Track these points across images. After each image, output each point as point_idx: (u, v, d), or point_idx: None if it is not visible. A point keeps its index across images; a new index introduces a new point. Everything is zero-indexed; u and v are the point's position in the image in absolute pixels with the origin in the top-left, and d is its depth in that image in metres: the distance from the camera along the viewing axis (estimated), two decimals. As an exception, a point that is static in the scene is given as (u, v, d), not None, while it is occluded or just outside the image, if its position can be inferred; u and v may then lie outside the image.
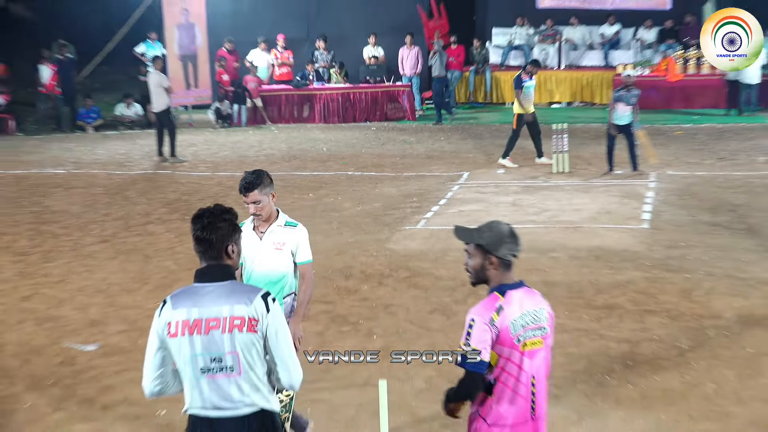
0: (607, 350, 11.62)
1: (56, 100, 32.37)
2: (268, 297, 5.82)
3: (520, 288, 6.26)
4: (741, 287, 13.74)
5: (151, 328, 5.87)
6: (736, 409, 9.94)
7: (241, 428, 5.80)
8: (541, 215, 18.40)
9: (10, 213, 19.76)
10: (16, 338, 12.52)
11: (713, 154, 24.39)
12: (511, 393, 6.14)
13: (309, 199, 20.24)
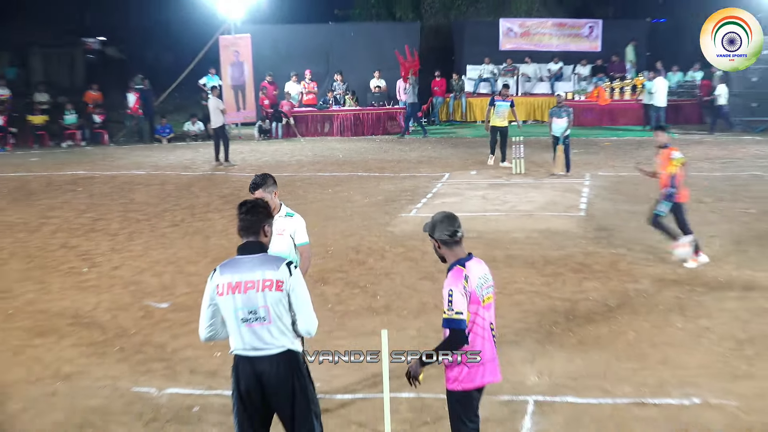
0: (554, 307, 11.59)
1: (139, 119, 32.43)
2: (290, 265, 6.01)
3: (471, 259, 6.37)
4: (654, 260, 13.71)
5: (205, 290, 6.08)
6: (650, 351, 9.91)
7: (273, 363, 5.94)
8: (504, 206, 18.35)
9: (105, 204, 19.73)
10: (108, 298, 12.49)
11: (633, 159, 24.26)
12: (480, 339, 6.23)
13: (328, 193, 20.20)
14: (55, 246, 15.83)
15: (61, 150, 30.63)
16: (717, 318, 10.94)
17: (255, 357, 5.94)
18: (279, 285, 5.91)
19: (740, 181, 20.42)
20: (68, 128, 31.85)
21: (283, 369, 5.96)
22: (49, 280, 13.59)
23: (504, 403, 8.61)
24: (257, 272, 5.93)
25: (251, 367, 5.94)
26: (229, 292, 5.93)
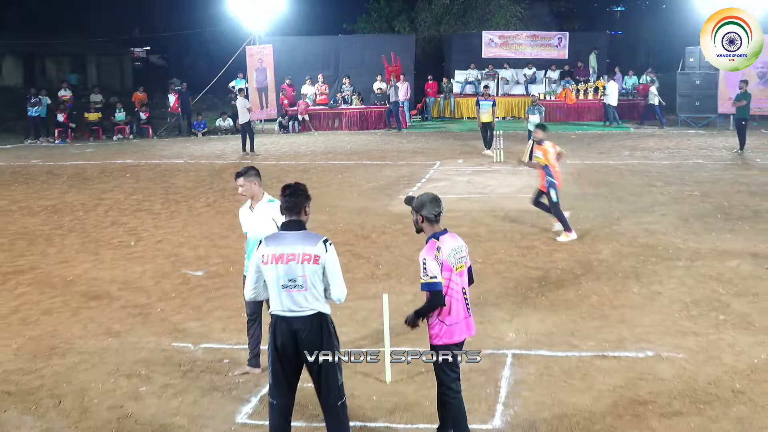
0: (529, 275, 11.53)
1: (178, 116, 32.38)
2: (327, 242, 6.01)
3: (446, 233, 6.38)
4: (614, 234, 13.66)
5: (252, 257, 6.16)
6: (611, 312, 9.87)
7: (307, 323, 5.95)
8: (486, 189, 18.30)
9: (149, 188, 19.66)
10: (152, 267, 12.44)
11: (595, 150, 24.25)
12: (455, 302, 6.25)
13: (338, 178, 20.12)
14: (107, 223, 15.79)
15: (113, 142, 30.60)
16: (667, 284, 10.90)
17: (292, 317, 5.95)
18: (316, 259, 5.92)
19: (686, 168, 20.36)
20: (118, 124, 31.86)
21: (316, 328, 5.96)
22: (102, 252, 13.56)
23: (487, 356, 8.56)
24: (298, 247, 5.93)
25: (288, 325, 5.95)
26: (272, 261, 5.94)
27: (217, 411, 7.47)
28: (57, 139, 30.45)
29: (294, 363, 6.06)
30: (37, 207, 17.55)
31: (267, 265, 5.98)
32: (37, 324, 10.01)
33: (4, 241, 14.49)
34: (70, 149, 28.48)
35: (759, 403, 7.29)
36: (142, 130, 31.94)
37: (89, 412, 7.50)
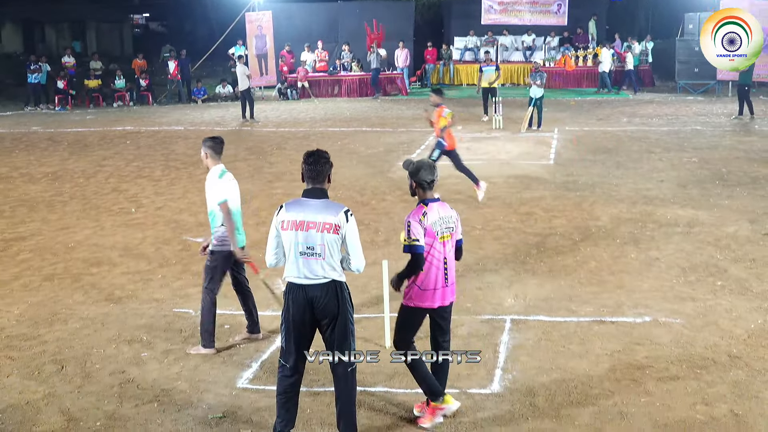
0: (527, 241, 11.54)
1: (178, 83, 32.20)
2: (348, 212, 6.00)
3: (437, 202, 6.38)
4: (612, 200, 13.66)
5: (272, 223, 6.06)
6: (609, 277, 9.89)
7: (323, 290, 5.94)
8: (486, 155, 18.26)
9: (150, 154, 19.60)
10: (152, 234, 12.44)
11: (594, 116, 24.16)
12: (434, 268, 6.28)
13: (338, 145, 20.05)
14: (107, 190, 15.76)
15: (113, 109, 30.46)
16: (665, 250, 10.91)
17: (307, 285, 5.92)
18: (336, 229, 5.90)
19: (684, 135, 20.31)
20: (118, 91, 31.69)
21: (332, 295, 5.95)
22: (102, 218, 13.55)
23: (485, 321, 8.60)
24: (319, 215, 5.90)
25: (303, 293, 5.93)
26: (292, 228, 5.91)
27: (218, 376, 7.50)
28: (57, 106, 30.34)
29: (308, 329, 6.06)
30: (38, 174, 17.51)
31: (286, 231, 5.94)
32: (38, 290, 10.03)
33: (6, 208, 14.48)
34: (70, 116, 28.36)
35: (755, 368, 7.32)
36: (141, 97, 31.81)
37: (91, 378, 7.52)
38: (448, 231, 6.33)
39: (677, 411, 6.58)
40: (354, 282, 9.62)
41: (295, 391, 6.16)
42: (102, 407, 6.93)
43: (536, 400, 6.83)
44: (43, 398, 7.13)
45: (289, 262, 5.98)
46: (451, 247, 6.41)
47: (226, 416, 6.72)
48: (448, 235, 6.34)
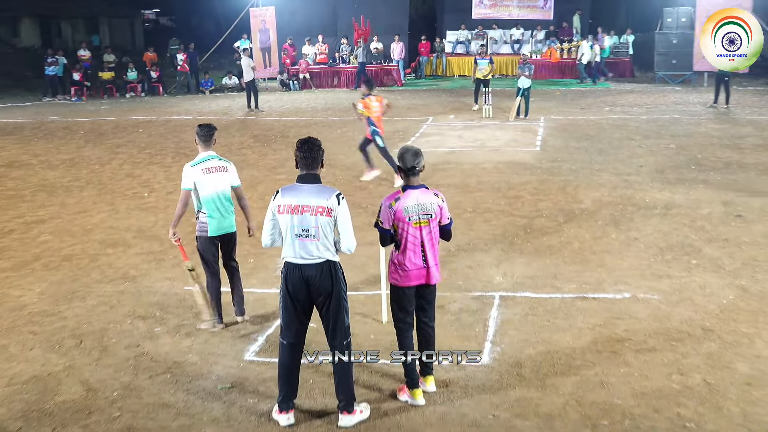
0: (515, 222, 11.56)
1: (187, 75, 32.09)
2: (339, 196, 6.01)
3: (417, 189, 6.29)
4: (594, 185, 13.66)
5: (269, 207, 6.07)
6: (591, 256, 9.92)
7: (318, 270, 5.97)
8: (476, 142, 18.23)
9: (160, 142, 19.58)
10: (164, 217, 12.43)
11: (578, 105, 24.12)
12: (409, 250, 6.26)
13: (337, 133, 20.04)
14: (121, 175, 15.75)
15: (125, 100, 30.36)
16: (643, 230, 10.94)
17: (303, 264, 5.96)
18: (329, 212, 5.92)
19: (662, 123, 20.28)
20: (131, 82, 31.57)
21: (326, 274, 5.99)
22: (117, 202, 13.56)
23: (476, 298, 8.64)
24: (313, 199, 5.92)
25: (300, 271, 5.96)
26: (288, 212, 5.93)
27: (226, 349, 7.54)
28: (73, 96, 30.25)
29: (305, 305, 6.09)
30: (56, 161, 17.50)
31: (282, 214, 5.97)
32: (58, 270, 10.05)
33: (26, 192, 14.48)
34: (85, 106, 28.27)
35: (727, 340, 7.37)
36: (153, 88, 31.67)
37: (108, 351, 7.56)
38: (424, 218, 6.23)
39: (654, 380, 6.64)
40: (352, 261, 9.67)
41: (295, 365, 6.21)
42: (118, 378, 6.98)
43: (523, 371, 6.88)
44: (64, 370, 7.17)
45: (285, 243, 6.01)
46: (430, 233, 6.29)
47: (234, 387, 6.77)
48: (424, 222, 6.24)
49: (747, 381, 6.60)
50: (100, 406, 6.50)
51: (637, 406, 6.23)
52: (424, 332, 6.54)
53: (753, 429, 5.87)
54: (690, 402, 6.27)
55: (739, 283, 8.85)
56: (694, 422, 5.98)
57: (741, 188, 13.22)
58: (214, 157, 7.95)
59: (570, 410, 6.20)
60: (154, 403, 6.52)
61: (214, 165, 7.90)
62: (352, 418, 6.09)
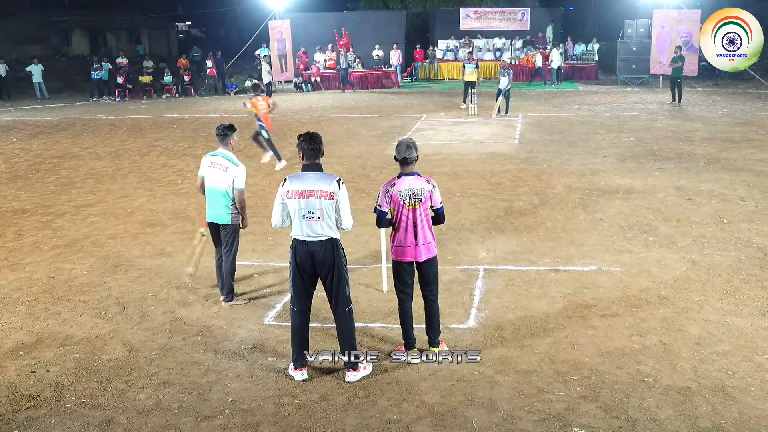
0: (497, 205, 11.49)
1: (214, 79, 31.93)
2: (340, 181, 5.94)
3: (410, 176, 6.19)
4: (565, 173, 13.58)
5: (278, 192, 6.02)
6: (562, 234, 9.86)
7: (322, 246, 5.92)
8: (464, 137, 18.13)
9: (192, 136, 19.47)
10: (196, 201, 12.35)
11: (551, 104, 23.99)
12: (403, 230, 6.19)
13: (344, 128, 19.92)
14: (159, 165, 15.67)
15: (162, 100, 30.20)
16: (607, 212, 10.87)
17: (309, 241, 5.92)
18: (331, 195, 5.87)
19: (624, 119, 20.17)
20: (167, 85, 31.43)
21: (329, 250, 5.94)
22: (155, 188, 13.48)
23: (463, 270, 8.59)
24: (317, 185, 5.87)
25: (306, 248, 5.93)
26: (296, 196, 5.89)
27: (249, 315, 7.50)
28: (117, 97, 30.12)
29: (311, 277, 6.05)
30: (102, 152, 17.41)
31: (291, 199, 5.92)
32: (104, 246, 10.00)
33: (77, 180, 14.41)
34: (127, 106, 28.13)
35: (680, 307, 7.33)
36: (185, 90, 31.51)
37: (148, 316, 7.52)
38: (415, 201, 6.14)
39: (617, 341, 6.60)
40: (357, 238, 9.65)
41: (304, 328, 6.17)
42: (156, 340, 6.94)
43: (504, 333, 6.84)
44: (109, 333, 7.13)
45: (294, 223, 5.97)
46: (421, 214, 6.19)
47: (256, 347, 6.73)
48: (415, 205, 6.15)
49: (697, 341, 6.56)
50: (140, 364, 6.47)
51: (602, 363, 6.20)
52: (427, 305, 6.45)
53: (702, 383, 5.83)
54: (648, 360, 6.23)
55: (690, 257, 8.80)
56: (652, 377, 5.94)
57: (691, 175, 13.15)
58: (221, 154, 7.73)
59: (545, 367, 6.17)
60: (187, 362, 6.49)
61: (217, 161, 7.72)
62: (357, 374, 6.06)
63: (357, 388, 5.94)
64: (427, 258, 6.29)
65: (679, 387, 5.80)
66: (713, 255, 8.89)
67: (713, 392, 5.72)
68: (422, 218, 6.22)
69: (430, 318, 6.46)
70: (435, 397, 5.75)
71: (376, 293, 7.95)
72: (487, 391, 5.81)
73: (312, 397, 5.82)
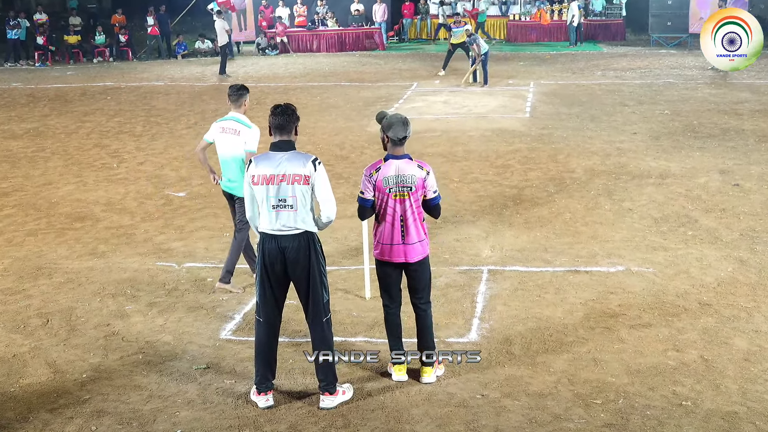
0: (504, 193, 11.55)
1: (157, 38, 31.76)
2: (316, 161, 5.94)
3: (402, 159, 6.20)
4: (587, 153, 13.66)
5: (244, 179, 6.07)
6: (583, 228, 9.92)
7: (295, 240, 5.93)
8: (463, 109, 18.17)
9: (130, 110, 19.37)
10: (135, 189, 12.34)
11: (569, 70, 24.07)
12: (388, 225, 6.20)
13: (317, 99, 19.92)
14: (89, 145, 15.59)
15: (93, 65, 30.02)
16: (638, 201, 10.95)
17: (280, 235, 5.91)
18: (306, 179, 5.86)
19: (657, 88, 20.29)
20: (98, 47, 31.26)
21: (303, 245, 5.93)
22: (85, 174, 13.43)
23: (463, 272, 8.63)
24: (289, 167, 5.85)
25: (276, 243, 5.92)
26: (263, 182, 5.88)
27: (201, 328, 7.49)
28: (37, 62, 29.90)
29: (281, 281, 6.04)
30: (19, 130, 17.30)
31: (258, 185, 5.91)
32: (22, 245, 9.96)
33: (-12, 164, 14.33)
34: (50, 72, 27.95)
35: (724, 315, 7.40)
36: (121, 53, 31.34)
37: (77, 331, 7.50)
38: (403, 190, 6.13)
39: (649, 357, 6.65)
40: (334, 234, 9.67)
41: (272, 343, 6.16)
42: (87, 359, 6.92)
43: (512, 348, 6.88)
44: (30, 351, 7.11)
45: (262, 215, 5.97)
46: (411, 206, 6.18)
47: (210, 367, 6.73)
48: (405, 194, 6.13)
49: (745, 357, 6.63)
50: (69, 388, 6.45)
51: (632, 384, 6.25)
52: (418, 317, 6.46)
53: (751, 407, 5.89)
54: (687, 379, 6.29)
55: (737, 255, 8.88)
56: (691, 400, 6.00)
57: (739, 156, 13.25)
58: (233, 118, 8.27)
59: (562, 389, 6.21)
60: (126, 385, 6.47)
61: (228, 126, 8.23)
62: (334, 399, 6.07)
63: (334, 416, 5.95)
64: (418, 259, 6.31)
65: (724, 412, 5.85)
66: (765, 252, 8.97)
67: (765, 417, 5.77)
68: (412, 211, 6.21)
69: (421, 330, 6.47)
70: (429, 427, 5.78)
71: (357, 301, 7.96)
72: (492, 419, 5.85)
73: (279, 428, 5.83)
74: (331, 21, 32.15)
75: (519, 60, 24.60)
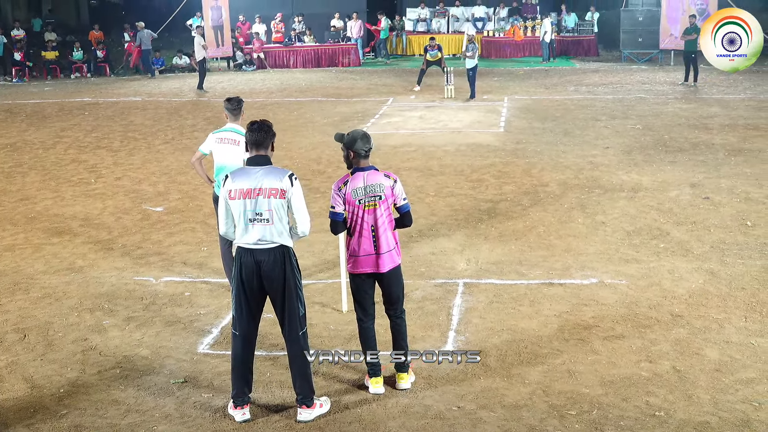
0: (479, 207, 11.58)
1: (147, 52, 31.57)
2: (292, 176, 5.97)
3: (369, 170, 6.29)
4: (560, 167, 13.73)
5: (220, 194, 6.05)
6: (557, 241, 9.96)
7: (271, 254, 5.93)
8: (438, 124, 18.24)
9: (108, 125, 19.27)
10: (113, 204, 12.28)
11: (542, 85, 24.22)
12: (358, 235, 6.25)
13: (294, 115, 19.90)
14: (67, 161, 15.50)
15: (70, 81, 29.85)
16: (610, 214, 11.02)
17: (256, 249, 5.91)
18: (282, 193, 5.88)
19: (628, 103, 20.45)
20: (76, 62, 31.10)
21: (279, 259, 5.93)
22: (62, 189, 13.34)
23: (439, 285, 8.64)
24: (265, 181, 5.88)
25: (252, 257, 5.91)
26: (240, 197, 5.89)
27: (179, 342, 7.45)
28: (14, 77, 29.73)
29: (257, 294, 6.03)
30: (-4, 145, 17.19)
31: (234, 200, 5.91)
32: (-1, 260, 9.88)
33: (-36, 179, 14.21)
34: (27, 88, 27.78)
35: (696, 326, 7.45)
36: (99, 69, 31.21)
37: (54, 346, 7.44)
38: (373, 200, 6.20)
39: (623, 368, 6.69)
40: (311, 248, 9.66)
41: (248, 357, 6.14)
42: (65, 374, 6.86)
43: (488, 360, 6.88)
44: (6, 366, 7.04)
45: (238, 229, 5.97)
46: (382, 215, 6.25)
47: (188, 381, 6.69)
48: (374, 204, 6.20)
49: (716, 367, 6.67)
50: (46, 403, 6.39)
51: (606, 394, 6.28)
52: (393, 325, 6.50)
53: (723, 416, 5.93)
54: (659, 390, 6.33)
55: (708, 267, 8.95)
56: (664, 411, 6.03)
57: (709, 170, 13.37)
58: (232, 129, 8.40)
59: (537, 400, 6.22)
60: (103, 400, 6.42)
61: (227, 137, 8.40)
62: (312, 412, 6.05)
63: (311, 429, 5.93)
64: (391, 268, 6.34)
65: (697, 422, 5.89)
66: (735, 264, 9.05)
67: (736, 427, 5.82)
68: (383, 220, 6.27)
69: (395, 335, 6.52)
70: (406, 439, 5.78)
71: (334, 314, 7.96)
72: (468, 431, 5.85)
73: (257, 441, 5.81)
74: (308, 37, 32.19)
75: (493, 76, 24.68)
